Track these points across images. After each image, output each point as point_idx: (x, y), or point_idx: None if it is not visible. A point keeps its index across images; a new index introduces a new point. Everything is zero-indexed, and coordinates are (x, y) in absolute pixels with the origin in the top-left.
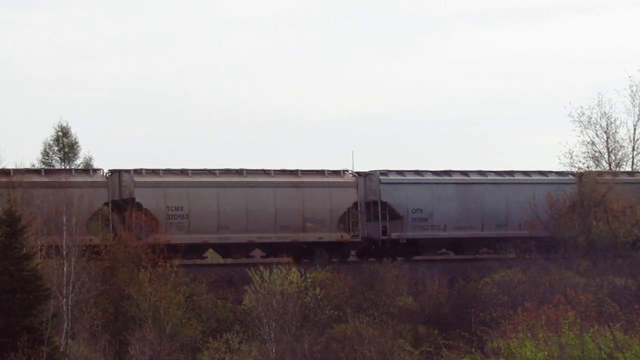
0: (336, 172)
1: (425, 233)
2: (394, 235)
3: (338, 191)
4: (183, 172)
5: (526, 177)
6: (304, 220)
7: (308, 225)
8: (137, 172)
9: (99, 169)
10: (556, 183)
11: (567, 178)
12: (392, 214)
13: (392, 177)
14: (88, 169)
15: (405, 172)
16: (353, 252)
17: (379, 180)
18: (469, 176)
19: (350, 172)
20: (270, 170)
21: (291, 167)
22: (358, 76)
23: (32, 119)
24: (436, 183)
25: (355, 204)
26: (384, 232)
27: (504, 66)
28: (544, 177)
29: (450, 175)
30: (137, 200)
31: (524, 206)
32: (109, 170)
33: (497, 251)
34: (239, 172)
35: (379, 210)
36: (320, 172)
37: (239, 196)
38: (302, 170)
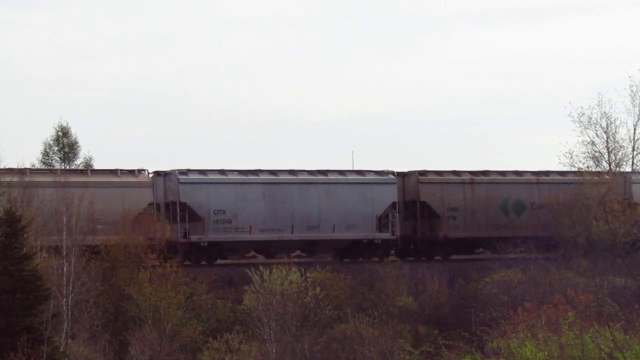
0: (131, 172)
1: (228, 235)
2: (194, 237)
3: (131, 192)
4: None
5: (341, 177)
6: None
7: None
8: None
9: (143, 170)
10: (376, 183)
11: (386, 178)
12: (192, 216)
13: (192, 176)
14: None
15: (208, 172)
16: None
17: (178, 179)
18: (277, 176)
19: (146, 171)
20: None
21: (292, 166)
22: (358, 76)
23: (32, 119)
24: (241, 183)
25: (151, 205)
26: (184, 235)
27: (504, 66)
28: (360, 177)
29: (257, 175)
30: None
31: (339, 208)
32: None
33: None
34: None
35: (178, 211)
36: (114, 172)
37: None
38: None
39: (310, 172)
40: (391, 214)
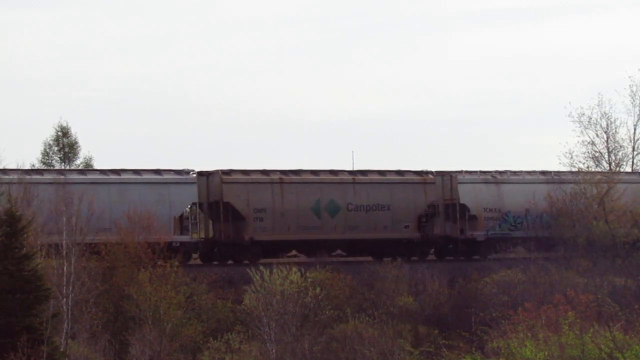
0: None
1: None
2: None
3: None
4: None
5: (136, 177)
6: None
7: None
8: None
9: (188, 170)
10: (174, 183)
11: (185, 177)
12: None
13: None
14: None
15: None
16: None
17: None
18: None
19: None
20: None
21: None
22: (358, 76)
23: (32, 119)
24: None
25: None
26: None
27: (504, 66)
28: (157, 177)
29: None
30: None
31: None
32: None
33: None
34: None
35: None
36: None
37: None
38: None
39: (102, 172)
40: (192, 215)
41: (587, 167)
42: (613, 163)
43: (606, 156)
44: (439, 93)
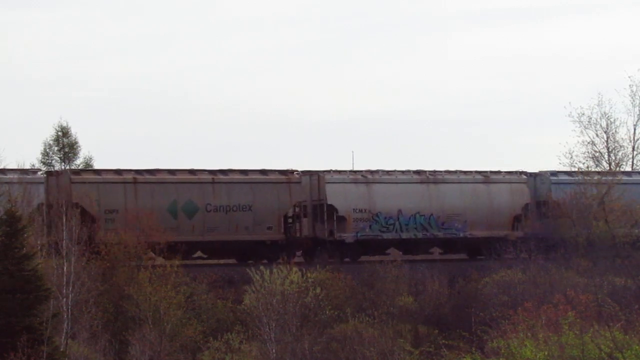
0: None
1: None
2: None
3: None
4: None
5: None
6: None
7: None
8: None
9: (35, 169)
10: (19, 183)
11: (32, 177)
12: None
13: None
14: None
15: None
16: None
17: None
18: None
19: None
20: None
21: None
22: (358, 76)
23: (32, 119)
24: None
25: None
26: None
27: (504, 66)
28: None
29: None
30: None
31: None
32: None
33: None
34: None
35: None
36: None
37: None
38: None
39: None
40: (42, 217)
41: (587, 167)
42: (613, 163)
43: (606, 156)
44: (439, 93)
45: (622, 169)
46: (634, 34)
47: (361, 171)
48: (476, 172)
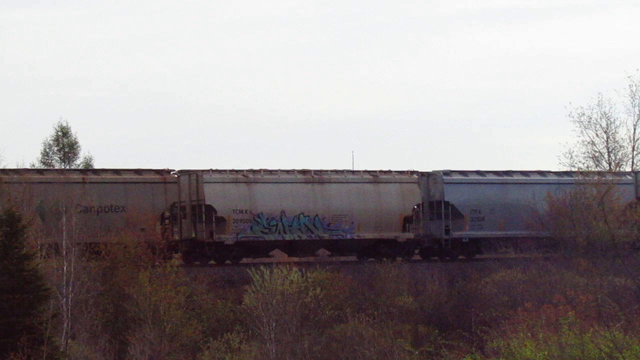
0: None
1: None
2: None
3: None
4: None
5: None
6: None
7: None
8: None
9: (169, 170)
10: None
11: None
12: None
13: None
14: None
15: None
16: None
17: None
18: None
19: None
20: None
21: (302, 166)
22: (358, 76)
23: (32, 119)
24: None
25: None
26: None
27: (504, 66)
28: None
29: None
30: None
31: None
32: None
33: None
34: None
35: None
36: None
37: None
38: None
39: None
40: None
41: (587, 167)
42: (613, 163)
43: (606, 156)
44: (439, 93)
45: (622, 169)
46: (634, 34)
47: (242, 170)
48: (364, 171)
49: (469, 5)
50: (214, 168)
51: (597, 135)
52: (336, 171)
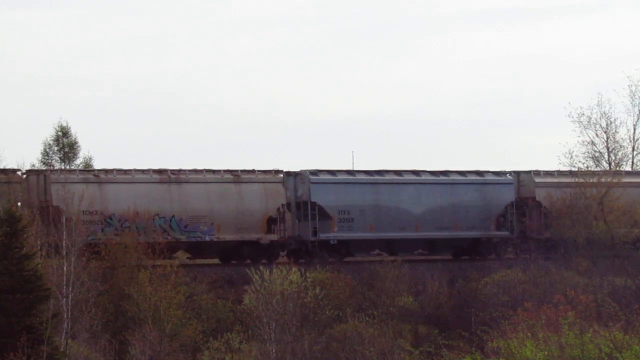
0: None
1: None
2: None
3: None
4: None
5: None
6: None
7: None
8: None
9: (15, 169)
10: None
11: None
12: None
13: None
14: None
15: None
16: None
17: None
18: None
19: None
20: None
21: (301, 166)
22: (358, 76)
23: (32, 119)
24: None
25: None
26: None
27: (504, 66)
28: None
29: None
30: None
31: None
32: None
33: None
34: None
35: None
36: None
37: None
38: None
39: None
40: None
41: (587, 167)
42: (613, 163)
43: (606, 156)
44: (439, 93)
45: (623, 169)
46: (634, 34)
47: (94, 170)
48: (225, 171)
49: (469, 5)
50: (66, 168)
51: (597, 135)
52: (195, 170)
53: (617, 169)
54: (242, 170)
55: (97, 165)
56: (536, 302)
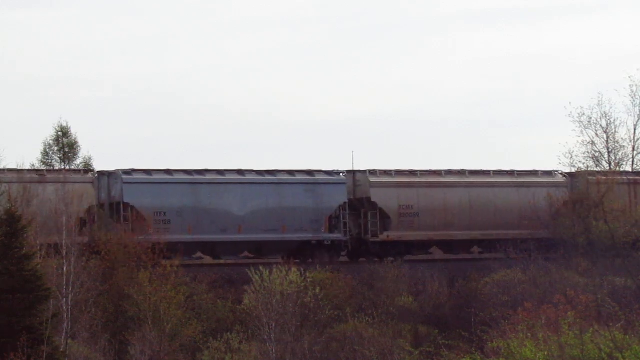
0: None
1: None
2: None
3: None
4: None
5: None
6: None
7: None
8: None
9: (558, 171)
10: None
11: None
12: None
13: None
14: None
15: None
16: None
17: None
18: None
19: (560, 172)
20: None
21: (301, 166)
22: (358, 76)
23: (32, 119)
24: None
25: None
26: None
27: (504, 66)
28: None
29: None
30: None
31: None
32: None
33: None
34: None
35: None
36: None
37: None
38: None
39: None
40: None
41: (587, 167)
42: (613, 163)
43: (606, 156)
44: (439, 93)
45: (622, 169)
46: (634, 34)
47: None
48: (29, 170)
49: (469, 5)
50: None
51: (597, 135)
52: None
53: (617, 169)
54: (46, 170)
55: (97, 165)
56: (536, 302)
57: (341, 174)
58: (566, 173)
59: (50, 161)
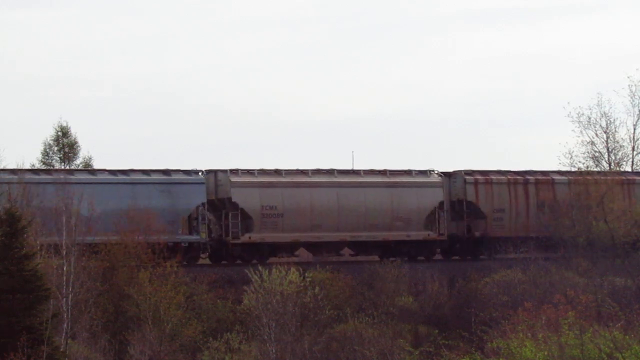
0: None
1: None
2: None
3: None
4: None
5: None
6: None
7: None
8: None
9: None
10: None
11: None
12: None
13: None
14: None
15: None
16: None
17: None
18: None
19: (435, 172)
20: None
21: (297, 166)
22: (358, 76)
23: (32, 119)
24: None
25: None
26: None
27: (504, 66)
28: None
29: None
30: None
31: None
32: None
33: None
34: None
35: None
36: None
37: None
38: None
39: None
40: None
41: (587, 167)
42: (613, 163)
43: (606, 156)
44: (439, 93)
45: (622, 169)
46: (634, 34)
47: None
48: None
49: (469, 5)
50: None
51: (596, 135)
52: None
53: (618, 168)
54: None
55: (97, 165)
56: (536, 302)
57: (200, 174)
58: (442, 172)
59: (50, 161)
